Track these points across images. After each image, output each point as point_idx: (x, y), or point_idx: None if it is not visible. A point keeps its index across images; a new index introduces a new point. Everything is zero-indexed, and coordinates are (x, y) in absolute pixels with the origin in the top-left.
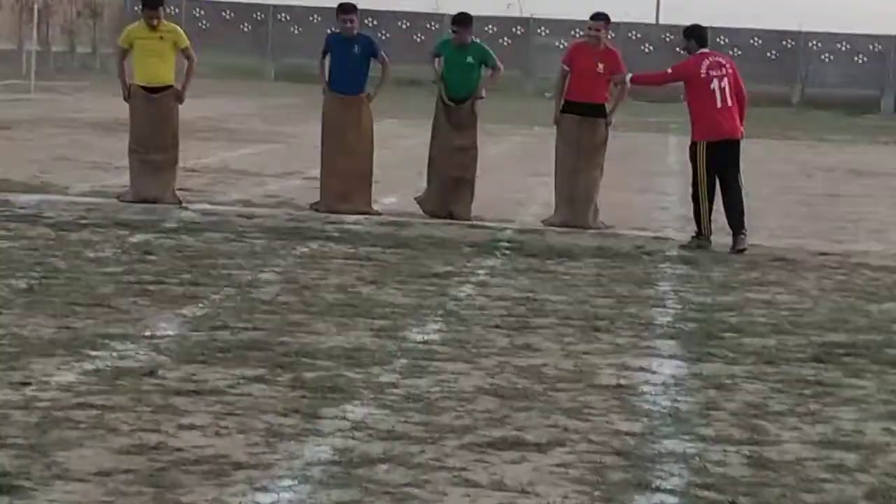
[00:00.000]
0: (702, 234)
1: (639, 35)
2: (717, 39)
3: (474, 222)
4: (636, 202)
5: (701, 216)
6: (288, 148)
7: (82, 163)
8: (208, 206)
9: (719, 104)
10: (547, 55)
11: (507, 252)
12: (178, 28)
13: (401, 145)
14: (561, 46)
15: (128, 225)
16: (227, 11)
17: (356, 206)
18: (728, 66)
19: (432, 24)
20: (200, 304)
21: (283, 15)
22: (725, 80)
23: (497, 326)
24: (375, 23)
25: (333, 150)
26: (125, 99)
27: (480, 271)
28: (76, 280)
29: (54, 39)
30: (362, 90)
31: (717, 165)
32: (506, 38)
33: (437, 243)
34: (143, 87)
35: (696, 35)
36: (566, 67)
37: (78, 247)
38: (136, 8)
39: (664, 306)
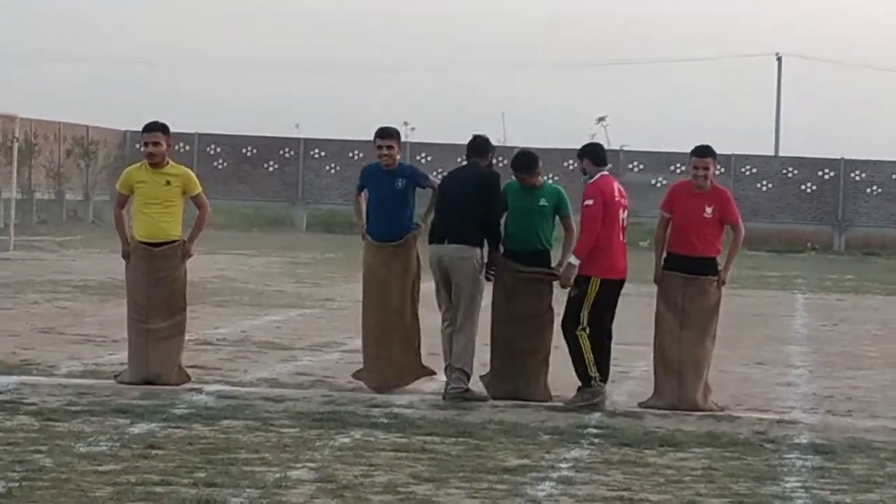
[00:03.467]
0: (592, 380)
1: (754, 170)
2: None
3: (554, 404)
4: (755, 377)
5: (586, 363)
6: (323, 314)
7: (71, 336)
8: (226, 388)
9: (621, 237)
10: (641, 194)
11: (597, 440)
12: (189, 171)
13: None
14: (659, 185)
15: (128, 412)
16: (249, 148)
17: (407, 377)
18: (625, 196)
19: (500, 159)
20: None
21: (316, 151)
22: (625, 212)
23: None
24: (430, 158)
25: (376, 311)
26: (124, 257)
27: (563, 465)
28: (65, 482)
29: (38, 185)
30: (407, 230)
31: (604, 307)
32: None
33: (508, 430)
34: (144, 243)
35: (591, 153)
36: (666, 214)
37: (67, 440)
38: (136, 145)
39: None
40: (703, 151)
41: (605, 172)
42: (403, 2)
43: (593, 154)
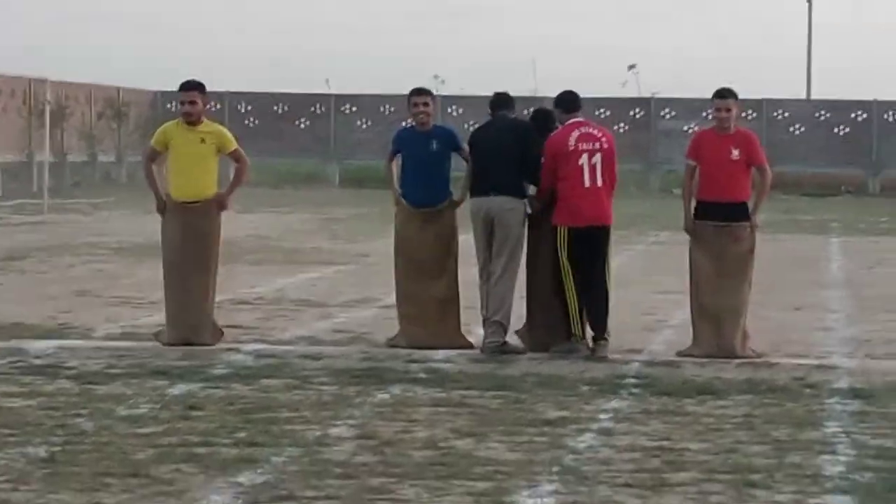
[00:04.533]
0: (574, 337)
1: (787, 114)
2: None
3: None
4: (793, 322)
5: (570, 316)
6: (359, 270)
7: (108, 298)
8: (264, 347)
9: (587, 183)
10: (673, 142)
11: (636, 391)
12: (223, 129)
13: None
14: (691, 132)
15: (167, 373)
16: (280, 105)
17: (443, 340)
18: (604, 139)
19: (530, 109)
20: (259, 470)
21: (347, 106)
22: (598, 155)
23: (627, 485)
24: (461, 111)
25: (411, 274)
26: (159, 211)
27: (603, 416)
28: (106, 445)
29: (71, 148)
30: (444, 198)
31: (580, 256)
32: (623, 124)
33: (546, 383)
34: (180, 202)
35: (559, 102)
36: (692, 163)
37: (107, 403)
38: (168, 105)
39: (834, 452)
40: (724, 93)
41: (575, 119)
42: None
43: (561, 102)
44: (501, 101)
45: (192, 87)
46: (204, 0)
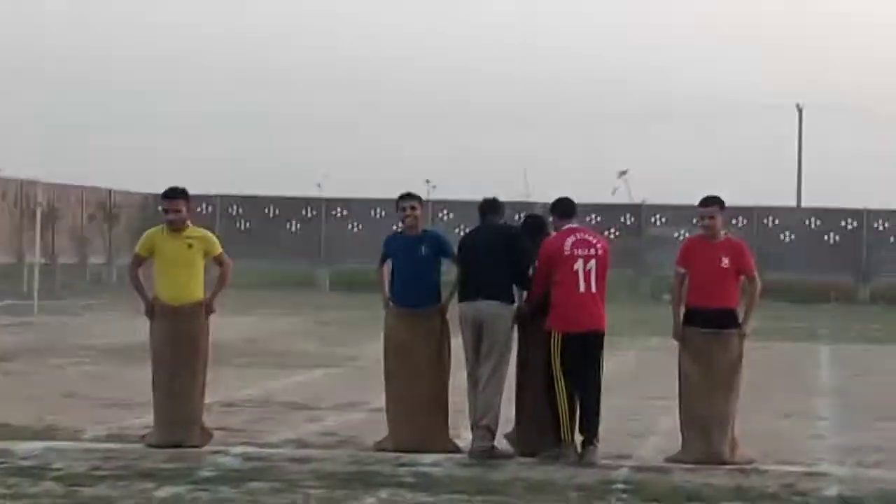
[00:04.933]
0: (563, 442)
1: (777, 221)
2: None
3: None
4: (783, 429)
5: (560, 422)
6: (348, 373)
7: (96, 400)
8: (252, 450)
9: (581, 289)
10: (664, 248)
11: (624, 496)
12: (208, 233)
13: None
14: (682, 238)
15: (154, 475)
16: (271, 208)
17: (431, 442)
18: (599, 245)
19: (522, 214)
20: None
21: (338, 210)
22: (593, 261)
23: None
24: (451, 215)
25: (400, 377)
26: (147, 314)
27: None
28: None
29: (61, 249)
30: (433, 301)
31: (573, 361)
32: (613, 230)
33: (536, 487)
34: (168, 305)
35: (555, 207)
36: (681, 270)
37: None
38: (159, 208)
39: None
40: (708, 201)
41: (570, 225)
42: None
43: (557, 208)
44: (490, 207)
45: (175, 195)
46: (195, 100)
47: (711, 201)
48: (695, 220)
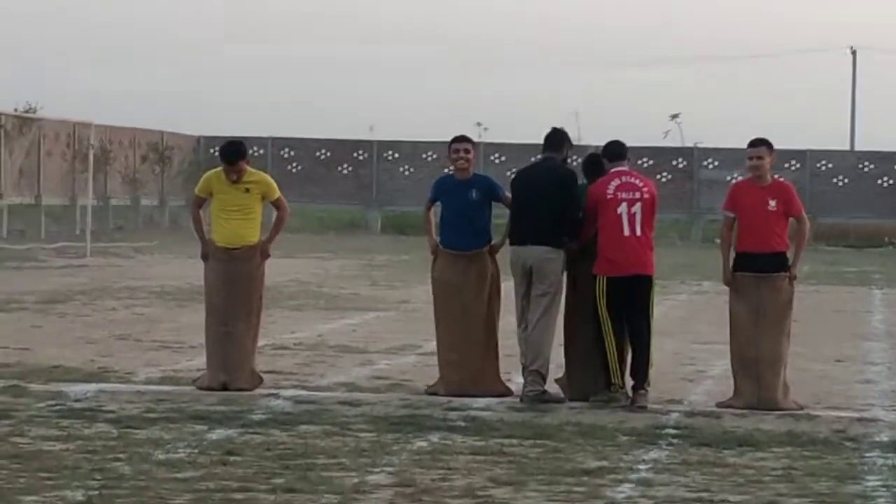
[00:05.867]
0: (613, 386)
1: (830, 165)
2: None
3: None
4: (834, 374)
5: (609, 366)
6: (399, 317)
7: (148, 343)
8: (303, 393)
9: (626, 232)
10: (716, 192)
11: (675, 441)
12: (267, 177)
13: None
14: (734, 181)
15: (206, 418)
16: (323, 151)
17: (483, 385)
18: (646, 189)
19: (575, 157)
20: None
21: (390, 153)
22: (638, 205)
23: None
24: (503, 158)
25: (451, 321)
26: (203, 257)
27: (641, 466)
28: (144, 489)
29: (114, 191)
30: (484, 243)
31: (619, 305)
32: (665, 173)
33: (586, 432)
34: (223, 248)
35: (608, 151)
36: (730, 214)
37: (145, 447)
38: (211, 150)
39: None
40: (756, 142)
41: (618, 168)
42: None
43: (606, 151)
44: (552, 142)
45: (235, 157)
46: (248, 46)
47: (759, 142)
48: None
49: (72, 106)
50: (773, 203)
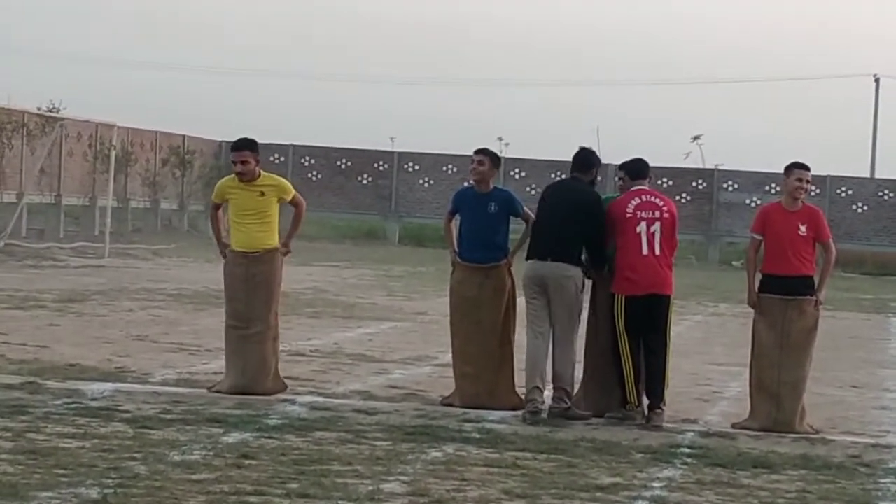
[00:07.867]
0: (629, 405)
1: (850, 192)
2: None
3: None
4: (850, 400)
5: (625, 384)
6: (415, 327)
7: (166, 344)
8: (319, 399)
9: (644, 251)
10: (734, 214)
11: (689, 461)
12: (281, 179)
13: None
14: (753, 205)
15: (221, 421)
16: (344, 160)
17: (497, 400)
18: (666, 208)
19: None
20: None
21: (410, 164)
22: (657, 224)
23: None
24: (523, 174)
25: (466, 334)
26: (222, 255)
27: (655, 484)
28: (158, 489)
29: (134, 193)
30: (501, 257)
31: (636, 324)
32: (685, 194)
33: (600, 448)
34: (241, 252)
35: (626, 167)
36: (757, 237)
37: (161, 448)
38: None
39: None
40: (804, 165)
41: (639, 187)
42: (501, 17)
43: (627, 168)
44: (580, 164)
45: (242, 147)
46: (271, 51)
47: (801, 166)
48: (768, 187)
49: (94, 107)
50: (803, 228)
